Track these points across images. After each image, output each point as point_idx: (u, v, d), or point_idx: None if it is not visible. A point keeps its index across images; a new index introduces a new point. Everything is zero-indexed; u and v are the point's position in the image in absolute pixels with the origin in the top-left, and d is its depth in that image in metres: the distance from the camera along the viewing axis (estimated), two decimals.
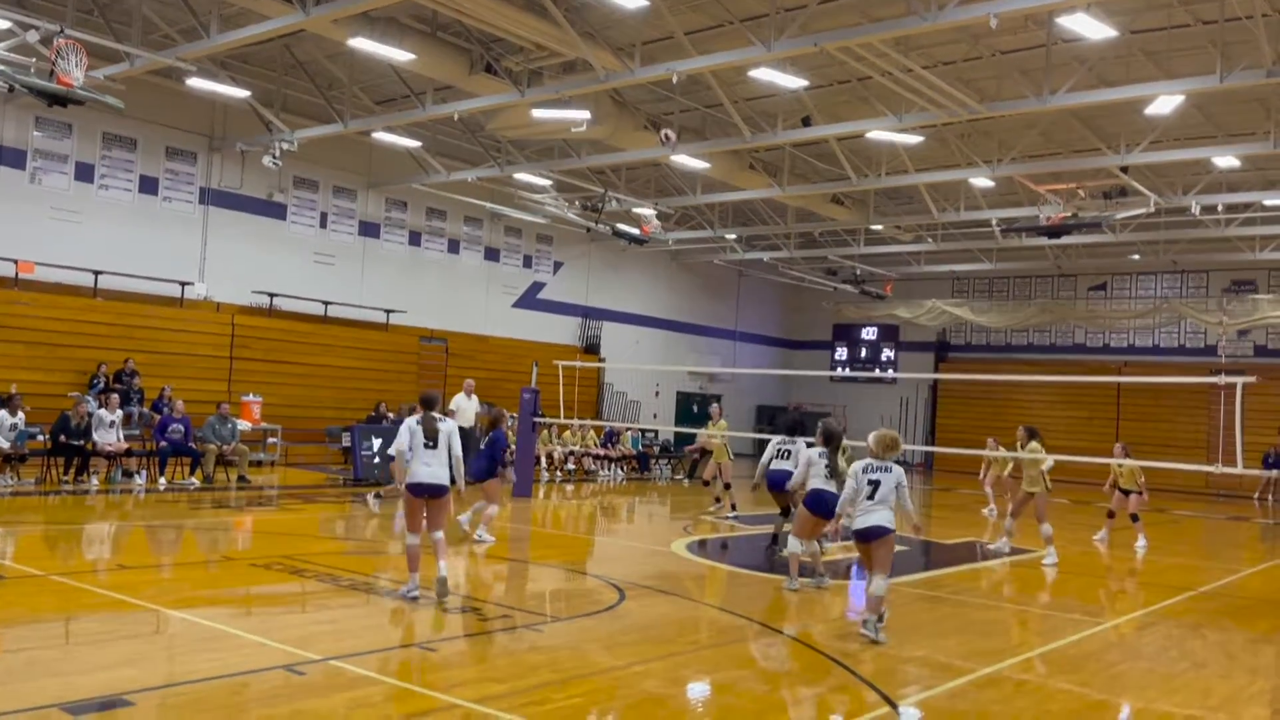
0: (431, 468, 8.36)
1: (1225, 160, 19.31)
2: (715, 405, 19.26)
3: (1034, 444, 13.03)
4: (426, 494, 8.37)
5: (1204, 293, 30.93)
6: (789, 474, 11.02)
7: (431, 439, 8.39)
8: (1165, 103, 15.91)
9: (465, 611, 8.27)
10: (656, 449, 26.50)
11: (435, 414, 8.57)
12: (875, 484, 7.94)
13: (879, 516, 7.89)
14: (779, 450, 12.00)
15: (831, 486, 9.35)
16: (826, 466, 9.45)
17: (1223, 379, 12.46)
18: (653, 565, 11.62)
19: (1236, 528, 20.57)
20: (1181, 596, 11.00)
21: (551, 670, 6.49)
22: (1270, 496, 26.00)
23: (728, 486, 16.39)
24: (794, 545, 9.57)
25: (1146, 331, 32.18)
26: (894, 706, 6.10)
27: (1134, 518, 14.58)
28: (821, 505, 9.42)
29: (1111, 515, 15.00)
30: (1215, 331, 29.77)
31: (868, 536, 7.90)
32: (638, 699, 6.02)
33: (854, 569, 12.14)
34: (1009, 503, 14.36)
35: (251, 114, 19.93)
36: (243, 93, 18.79)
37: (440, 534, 8.46)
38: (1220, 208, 23.31)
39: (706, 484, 17.63)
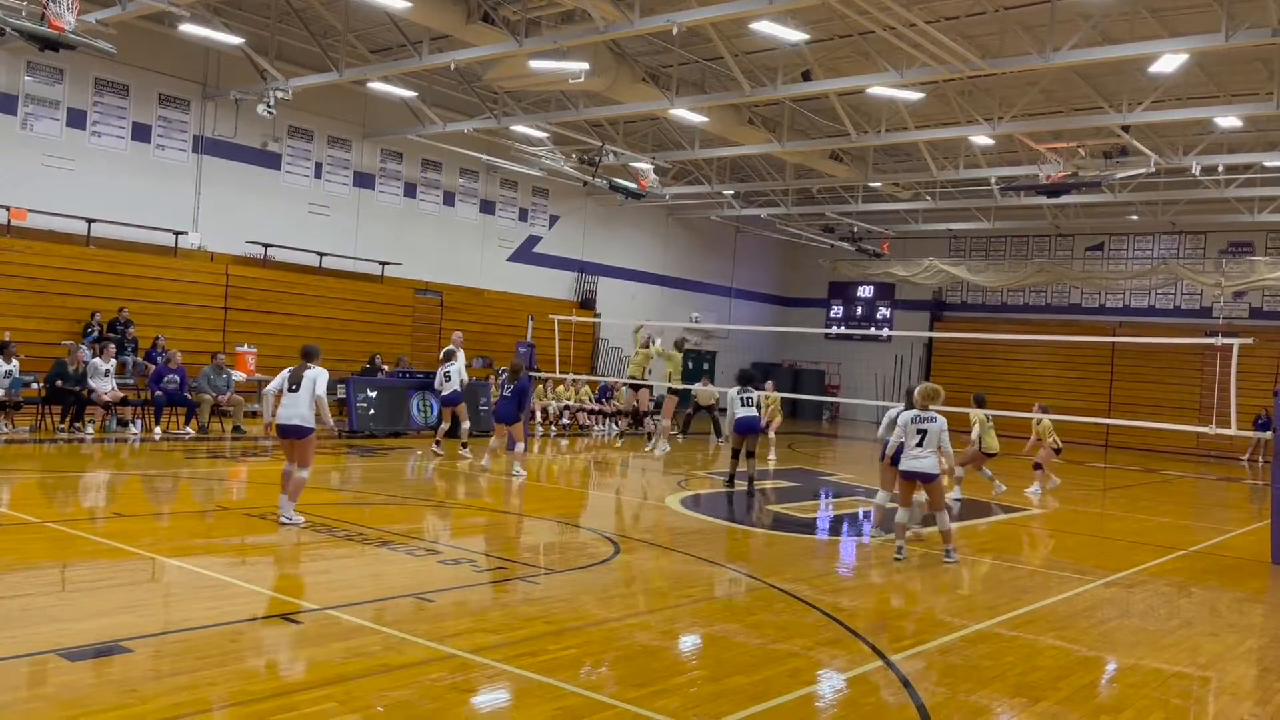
0: (287, 409, 9.22)
1: (1227, 121, 19.18)
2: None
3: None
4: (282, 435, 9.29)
5: (1201, 254, 30.91)
6: (756, 419, 13.76)
7: (295, 384, 9.24)
8: (1169, 61, 15.77)
9: (460, 563, 8.31)
10: (651, 404, 26.48)
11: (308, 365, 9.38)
12: (923, 432, 9.13)
13: (928, 463, 9.14)
14: (742, 398, 13.85)
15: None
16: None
17: (1219, 340, 12.48)
18: (647, 519, 11.69)
19: (1226, 488, 20.73)
20: (1170, 556, 11.10)
21: (545, 622, 6.54)
22: (1260, 458, 26.17)
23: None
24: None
25: (1143, 293, 32.19)
26: (886, 660, 6.17)
27: (1038, 466, 15.75)
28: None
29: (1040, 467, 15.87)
30: (1212, 293, 29.80)
31: (916, 478, 9.21)
32: (632, 651, 6.08)
33: (845, 526, 12.23)
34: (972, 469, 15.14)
35: (246, 62, 19.66)
36: (237, 40, 18.52)
37: (297, 470, 9.27)
38: (1220, 169, 23.22)
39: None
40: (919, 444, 9.18)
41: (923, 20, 15.37)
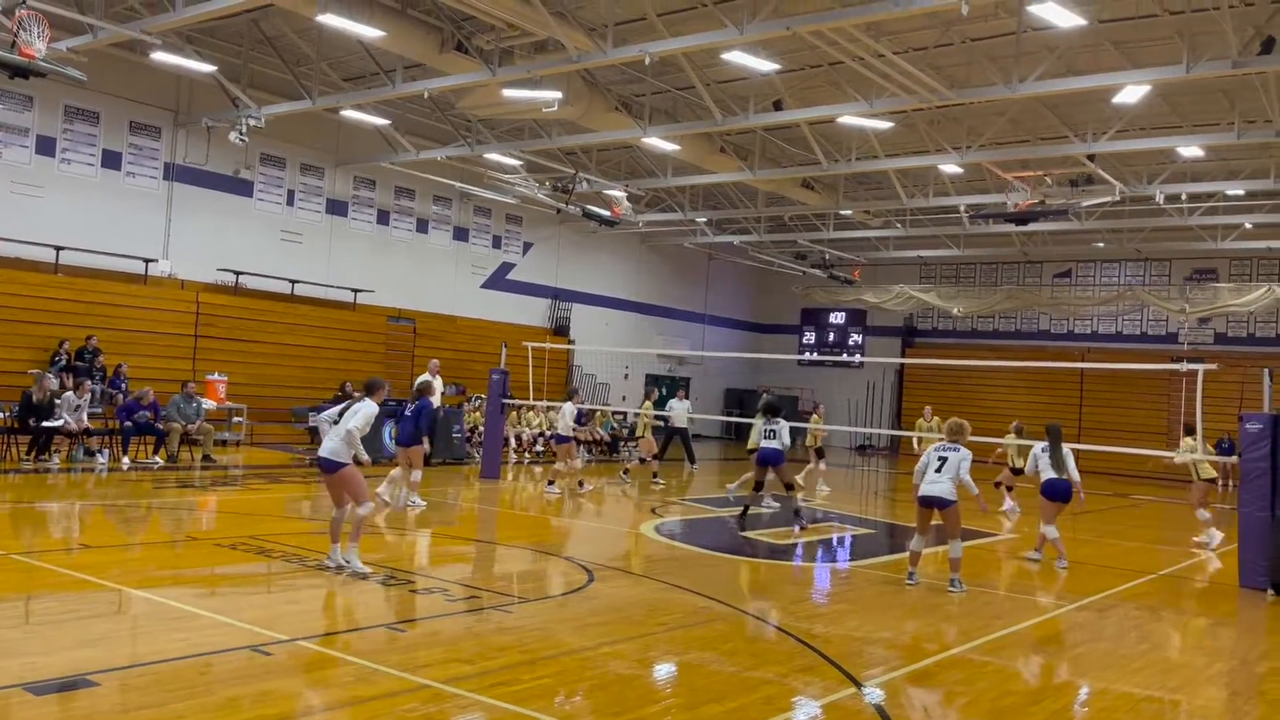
0: (326, 441, 8.75)
1: (1189, 150, 19.56)
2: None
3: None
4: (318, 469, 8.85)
5: (1166, 281, 31.37)
6: (779, 451, 13.50)
7: (341, 416, 8.81)
8: (1132, 92, 16.07)
9: (433, 593, 8.25)
10: (626, 431, 26.50)
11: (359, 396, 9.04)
12: (943, 459, 9.41)
13: (942, 488, 9.31)
14: (766, 430, 13.71)
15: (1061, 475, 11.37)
16: (1050, 459, 11.44)
17: (1184, 366, 12.66)
18: (621, 547, 11.66)
19: (1194, 512, 20.90)
20: (1141, 580, 11.19)
21: (520, 651, 6.50)
22: (1230, 482, 26.46)
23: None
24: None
25: (1110, 318, 32.62)
26: (859, 686, 6.17)
27: (1006, 486, 16.58)
28: (1055, 492, 11.37)
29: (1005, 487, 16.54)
30: (1177, 319, 30.26)
31: (932, 504, 9.36)
32: (606, 680, 6.05)
33: (819, 552, 12.24)
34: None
35: (218, 89, 19.64)
36: (208, 67, 18.49)
37: (353, 508, 8.69)
38: (1184, 197, 23.68)
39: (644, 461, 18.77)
40: (938, 470, 9.41)
41: (891, 51, 15.60)
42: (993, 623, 8.36)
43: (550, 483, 15.81)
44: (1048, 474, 11.45)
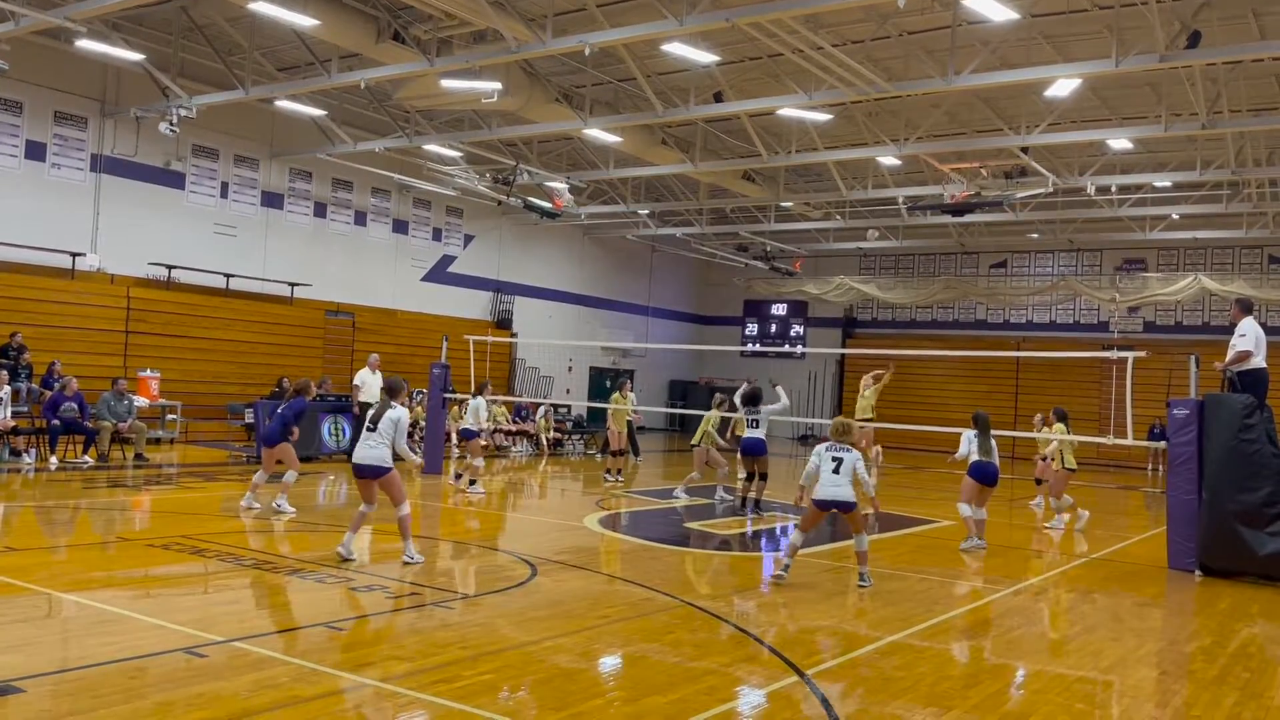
0: (366, 449, 9.05)
1: (1119, 143, 20.01)
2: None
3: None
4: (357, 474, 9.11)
5: (1098, 271, 32.11)
6: (762, 441, 13.83)
7: (374, 423, 9.09)
8: (1063, 85, 16.40)
9: (373, 590, 8.15)
10: (570, 424, 26.45)
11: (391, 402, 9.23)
12: (838, 460, 9.11)
13: (844, 491, 9.05)
14: (750, 420, 13.98)
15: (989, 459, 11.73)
16: (979, 445, 11.73)
17: (1114, 354, 12.96)
18: (565, 540, 11.62)
19: (1126, 497, 21.49)
20: (1074, 564, 11.45)
21: (461, 647, 6.44)
22: (1162, 466, 27.20)
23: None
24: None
25: (1044, 308, 33.29)
26: (801, 675, 6.22)
27: (1039, 481, 16.29)
28: (983, 475, 11.69)
29: (1040, 482, 16.39)
30: (1108, 308, 30.99)
31: (834, 507, 9.12)
32: (549, 674, 6.02)
33: (763, 542, 12.32)
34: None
35: (147, 79, 19.13)
36: (136, 56, 18.01)
37: (396, 511, 9.15)
38: (1114, 189, 24.22)
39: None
40: (834, 471, 9.09)
41: (830, 44, 15.72)
42: (932, 609, 8.48)
43: (472, 483, 15.12)
44: (975, 458, 11.70)
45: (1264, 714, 5.99)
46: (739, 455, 14.46)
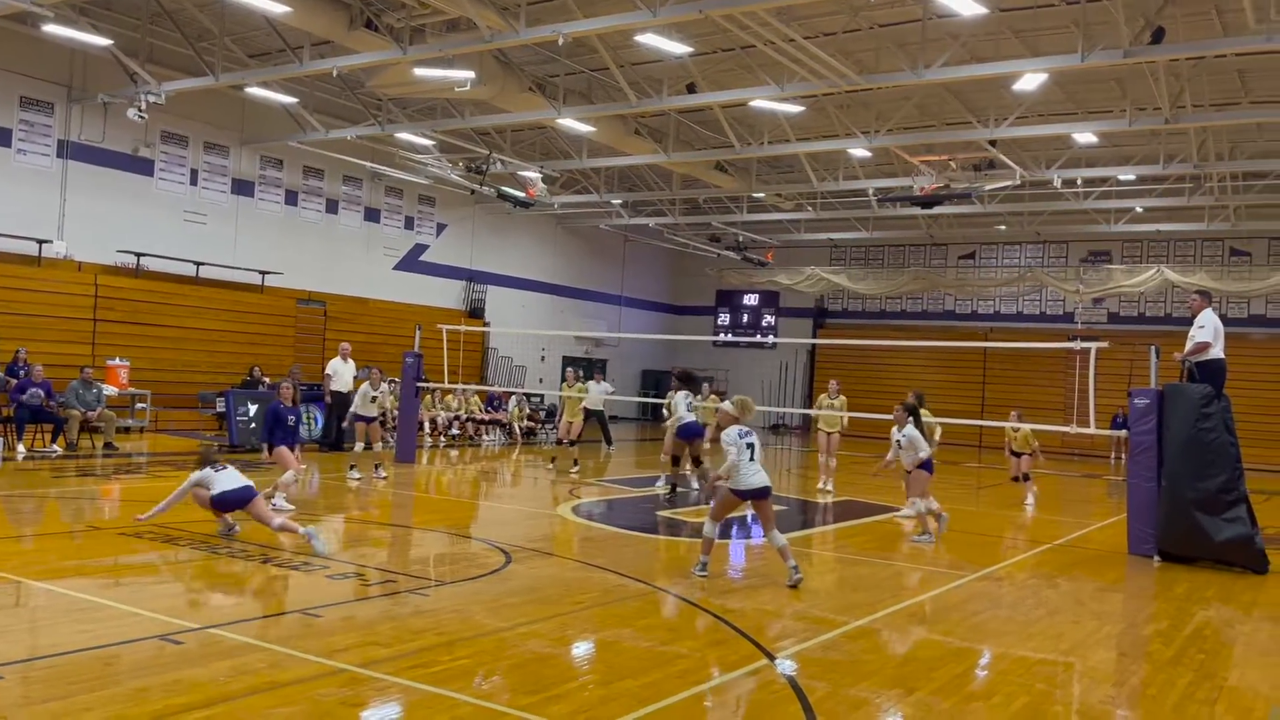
0: None
1: (1084, 136, 20.30)
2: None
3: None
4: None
5: (1064, 262, 32.53)
6: (699, 424, 14.14)
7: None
8: (1030, 80, 16.62)
9: (348, 577, 8.20)
10: (543, 414, 26.50)
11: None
12: (752, 445, 8.65)
13: (766, 476, 8.67)
14: (687, 404, 14.02)
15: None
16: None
17: (1078, 344, 13.20)
18: (539, 528, 11.71)
19: (1089, 485, 21.86)
20: (1038, 549, 11.68)
21: (436, 633, 6.52)
22: (1124, 455, 27.66)
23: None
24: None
25: (1011, 299, 33.70)
26: (771, 658, 6.35)
27: (1025, 477, 15.85)
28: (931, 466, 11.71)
29: (1016, 479, 16.07)
30: (1073, 299, 31.41)
31: (763, 495, 8.65)
32: (524, 659, 6.12)
33: (734, 529, 12.47)
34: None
35: (115, 64, 18.93)
36: (104, 41, 17.82)
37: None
38: (1079, 182, 24.58)
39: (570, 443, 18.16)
40: (752, 459, 8.60)
41: (802, 36, 15.84)
42: (899, 594, 8.65)
43: (377, 467, 14.59)
44: (924, 450, 11.53)
45: (1216, 694, 6.19)
46: (674, 438, 14.37)
